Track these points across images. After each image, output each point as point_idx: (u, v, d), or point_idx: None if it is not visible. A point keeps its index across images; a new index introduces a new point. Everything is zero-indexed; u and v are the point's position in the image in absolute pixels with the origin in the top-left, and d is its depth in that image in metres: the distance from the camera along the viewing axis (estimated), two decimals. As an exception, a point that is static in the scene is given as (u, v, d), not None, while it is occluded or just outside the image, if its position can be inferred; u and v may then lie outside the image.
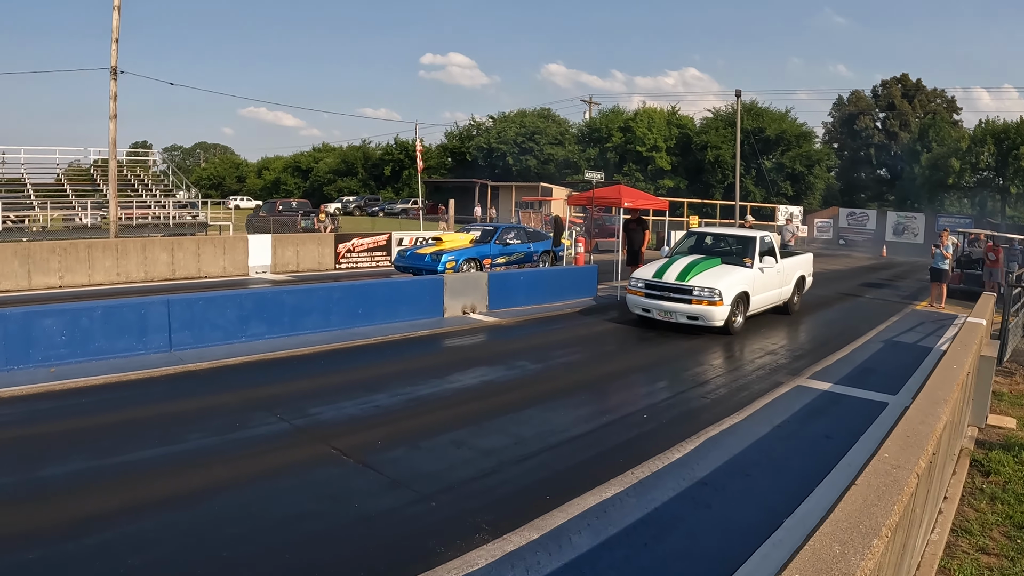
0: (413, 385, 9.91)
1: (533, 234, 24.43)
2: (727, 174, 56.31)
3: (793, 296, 17.23)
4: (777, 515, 5.99)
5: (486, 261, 21.27)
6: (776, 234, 24.74)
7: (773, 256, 15.72)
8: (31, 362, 9.99)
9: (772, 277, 15.70)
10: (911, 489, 3.40)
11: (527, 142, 69.10)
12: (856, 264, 37.07)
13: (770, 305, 16.14)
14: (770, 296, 15.88)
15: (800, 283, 17.70)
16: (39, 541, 5.32)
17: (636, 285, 14.85)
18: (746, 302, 14.56)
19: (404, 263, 20.89)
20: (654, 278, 14.55)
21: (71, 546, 5.29)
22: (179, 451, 7.22)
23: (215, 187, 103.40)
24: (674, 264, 14.80)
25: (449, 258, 20.11)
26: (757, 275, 14.98)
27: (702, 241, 16.74)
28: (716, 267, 14.58)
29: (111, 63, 25.37)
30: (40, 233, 29.52)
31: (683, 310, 13.99)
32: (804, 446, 8.02)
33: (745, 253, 15.34)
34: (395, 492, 6.33)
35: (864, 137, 63.87)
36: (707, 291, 13.73)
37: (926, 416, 4.54)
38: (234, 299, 12.13)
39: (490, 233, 22.47)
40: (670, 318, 14.23)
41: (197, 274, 22.00)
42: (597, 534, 5.60)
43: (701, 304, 13.76)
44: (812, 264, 18.80)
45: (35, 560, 5.06)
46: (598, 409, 9.30)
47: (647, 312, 14.65)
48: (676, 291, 14.11)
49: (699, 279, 14.01)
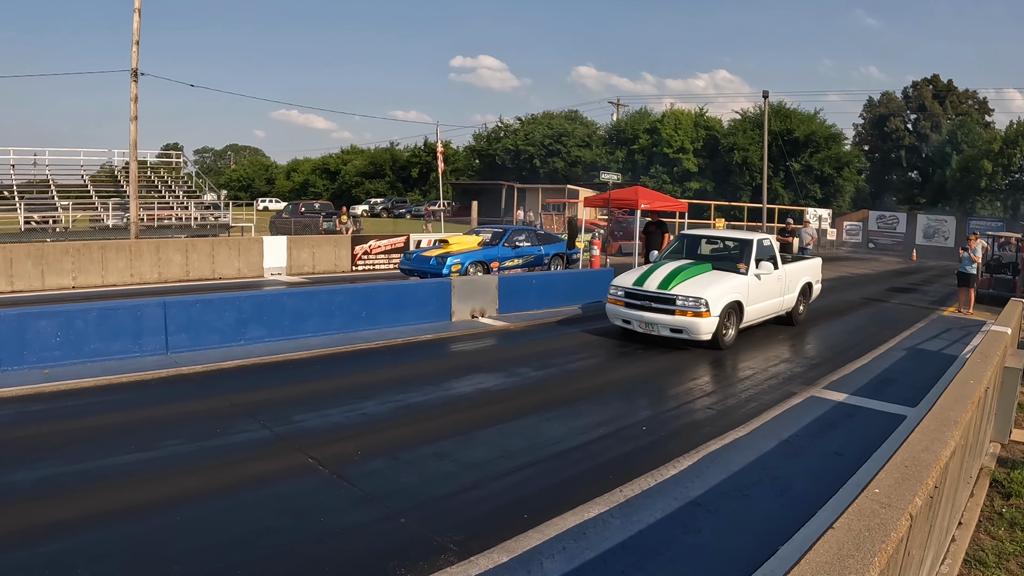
0: (405, 392, 9.62)
1: (544, 236, 23.68)
2: (755, 176, 55.69)
3: (798, 305, 15.85)
4: (773, 542, 5.58)
5: (493, 264, 20.62)
6: (794, 237, 24.03)
7: (772, 261, 14.24)
8: (25, 363, 9.87)
9: (771, 284, 14.33)
10: (900, 533, 2.95)
11: (554, 144, 68.93)
12: (884, 268, 36.30)
13: (769, 316, 14.80)
14: (769, 306, 14.52)
15: (806, 291, 16.27)
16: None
17: (615, 294, 13.54)
18: (739, 313, 13.26)
19: (409, 266, 20.40)
20: (634, 286, 13.24)
21: (24, 554, 5.15)
22: (152, 458, 6.98)
23: (244, 189, 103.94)
24: (658, 270, 13.48)
25: (454, 261, 19.57)
26: (752, 282, 13.64)
27: (693, 244, 15.44)
28: (704, 274, 13.31)
29: (132, 65, 25.36)
30: (63, 234, 29.60)
31: (665, 322, 12.69)
32: (812, 464, 7.54)
33: (740, 258, 14.05)
34: (364, 507, 6.02)
35: (895, 139, 62.74)
36: (692, 301, 12.43)
37: (931, 441, 4.10)
38: (232, 302, 11.90)
39: (499, 235, 21.79)
40: (651, 330, 12.94)
41: (211, 275, 21.88)
42: (571, 559, 5.23)
43: (685, 315, 12.44)
44: (820, 270, 17.37)
45: None
46: (596, 420, 8.86)
47: (627, 323, 13.36)
48: (657, 300, 12.83)
49: (684, 287, 12.73)
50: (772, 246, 14.81)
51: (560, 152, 68.57)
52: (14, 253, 18.62)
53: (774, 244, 14.93)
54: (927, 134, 60.76)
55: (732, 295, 12.97)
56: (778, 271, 14.48)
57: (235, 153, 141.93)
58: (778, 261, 14.61)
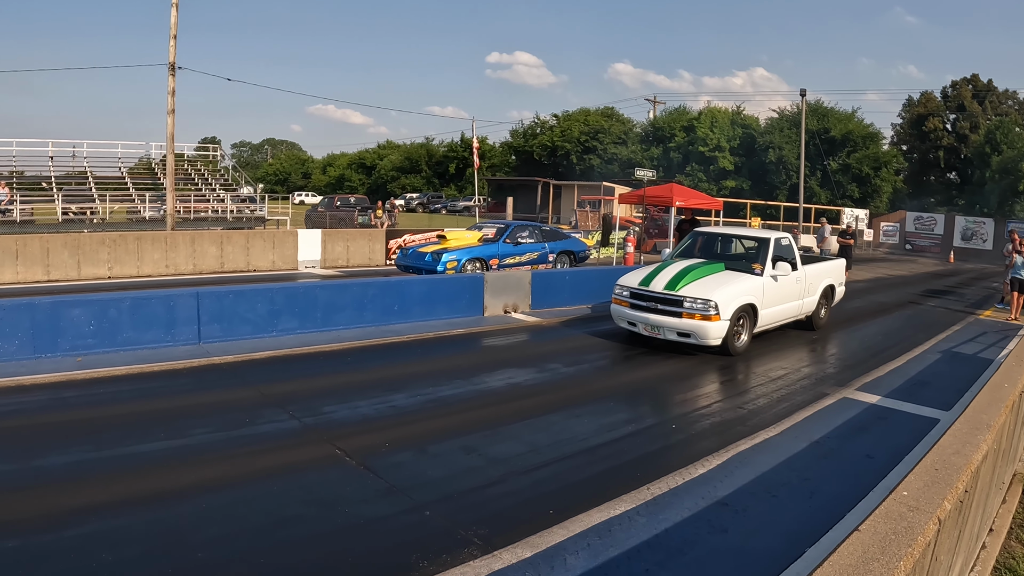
0: (436, 386, 9.62)
1: (550, 233, 22.73)
2: (791, 175, 55.04)
3: (819, 309, 14.93)
4: (799, 544, 5.48)
5: (493, 262, 19.73)
6: (852, 239, 23.69)
7: (790, 262, 13.29)
8: (59, 351, 10.01)
9: (789, 287, 13.42)
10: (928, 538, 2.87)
11: (591, 141, 68.74)
12: (921, 270, 35.70)
13: (786, 320, 13.90)
14: (786, 309, 13.61)
15: (828, 294, 15.26)
16: (20, 531, 5.25)
17: (621, 294, 12.80)
18: (752, 316, 12.39)
19: (405, 262, 19.83)
20: (640, 286, 12.44)
21: (50, 538, 5.19)
22: (180, 446, 7.04)
23: (281, 183, 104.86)
24: (666, 269, 12.68)
25: (450, 258, 18.79)
26: (768, 284, 12.75)
27: (706, 242, 14.47)
28: (716, 274, 12.45)
29: (169, 59, 25.65)
30: (100, 225, 30.00)
31: (672, 325, 11.87)
32: (842, 466, 7.41)
33: (755, 258, 13.20)
34: (389, 499, 6.02)
35: (933, 139, 61.52)
36: (700, 303, 11.60)
37: (963, 445, 4.01)
38: (265, 293, 11.98)
39: (501, 231, 20.97)
40: (658, 334, 12.16)
41: (246, 267, 22.08)
42: (595, 556, 5.18)
43: (693, 318, 11.62)
44: (843, 272, 16.38)
45: (10, 550, 4.99)
46: (625, 417, 8.82)
47: (632, 326, 12.62)
48: (664, 302, 12.01)
49: (692, 288, 11.90)
50: (791, 245, 13.92)
51: (596, 149, 68.27)
52: (51, 243, 18.91)
53: (793, 243, 14.09)
54: (966, 135, 59.64)
55: (745, 297, 12.16)
56: (797, 272, 13.62)
57: (272, 147, 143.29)
58: (797, 262, 13.76)
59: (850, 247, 23.59)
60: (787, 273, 13.08)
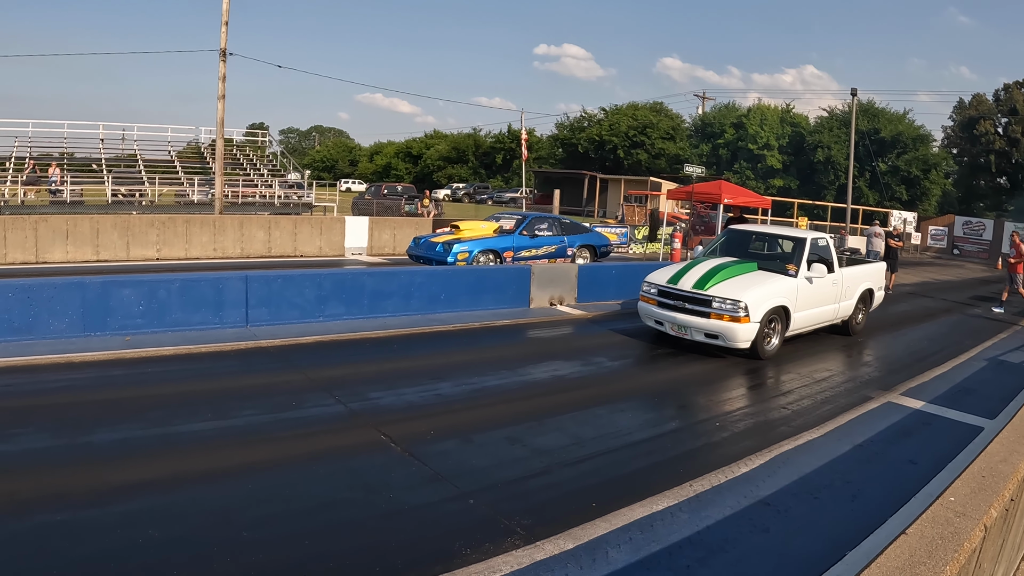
0: (481, 375, 9.63)
1: (569, 226, 21.75)
2: (839, 175, 54.34)
3: (856, 314, 14.29)
4: (840, 547, 5.39)
5: (507, 254, 19.27)
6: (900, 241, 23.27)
7: (827, 263, 12.68)
8: (108, 330, 10.18)
9: (824, 289, 12.83)
10: (973, 544, 2.81)
11: (638, 135, 68.31)
12: (968, 275, 34.92)
13: (821, 324, 13.32)
14: (821, 313, 13.04)
15: (866, 298, 14.60)
16: (68, 505, 5.33)
17: (648, 291, 12.38)
18: (784, 319, 11.90)
19: (417, 252, 19.26)
20: (668, 284, 12.01)
21: (97, 513, 5.29)
22: (228, 427, 7.12)
23: (328, 170, 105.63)
24: (696, 267, 12.22)
25: (462, 249, 18.24)
26: (802, 286, 12.21)
27: (740, 240, 13.91)
28: (748, 274, 11.97)
29: (220, 45, 25.89)
30: (148, 208, 30.42)
31: (700, 325, 11.44)
32: (885, 470, 7.28)
33: (790, 258, 12.65)
34: (434, 486, 6.03)
35: (984, 143, 60.10)
36: (730, 303, 11.13)
37: (1010, 453, 3.92)
38: (313, 279, 12.05)
39: (519, 223, 20.30)
40: (684, 334, 11.74)
41: (293, 253, 22.28)
42: (637, 550, 5.15)
43: (722, 319, 11.17)
44: (883, 276, 15.67)
45: (59, 523, 5.07)
46: (669, 413, 8.78)
47: (659, 325, 12.21)
48: (692, 301, 11.57)
49: (722, 288, 11.42)
50: (828, 246, 13.31)
51: (644, 144, 67.87)
52: (101, 224, 19.24)
53: (831, 244, 13.48)
54: (1018, 139, 58.23)
55: (777, 299, 11.66)
56: (833, 275, 13.01)
57: (320, 134, 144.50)
58: (834, 263, 13.13)
59: (898, 250, 23.17)
60: (823, 275, 12.52)
